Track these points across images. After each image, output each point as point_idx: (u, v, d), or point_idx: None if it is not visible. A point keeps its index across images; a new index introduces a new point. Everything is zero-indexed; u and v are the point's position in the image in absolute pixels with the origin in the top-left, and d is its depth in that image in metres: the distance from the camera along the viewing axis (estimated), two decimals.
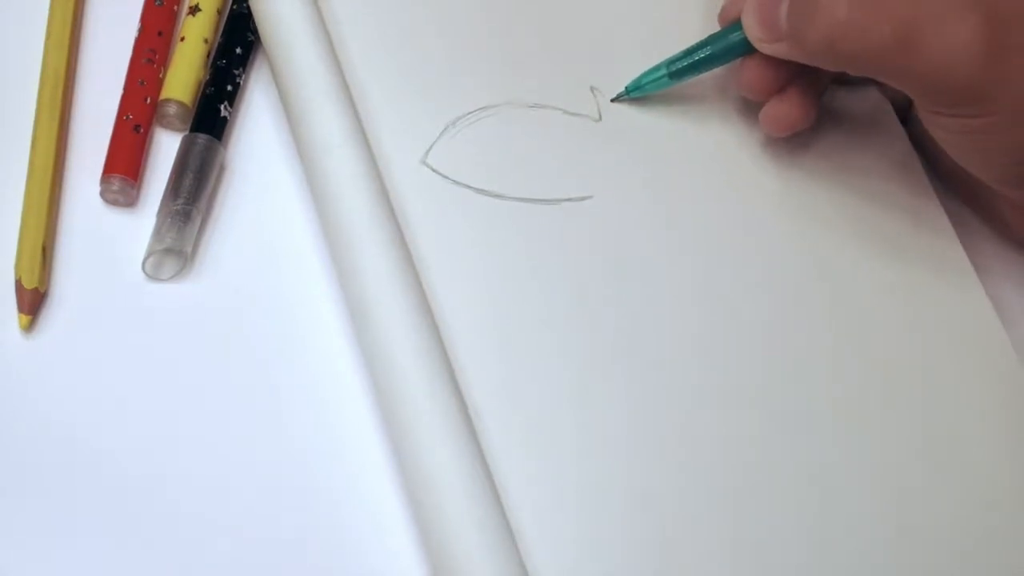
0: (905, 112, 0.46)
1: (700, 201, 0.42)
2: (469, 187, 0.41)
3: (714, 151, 0.43)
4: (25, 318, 0.38)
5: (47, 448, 0.36)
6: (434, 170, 0.41)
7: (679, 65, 0.42)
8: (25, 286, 0.38)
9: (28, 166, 0.40)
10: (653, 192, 0.42)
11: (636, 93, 0.43)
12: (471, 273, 0.39)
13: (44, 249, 0.39)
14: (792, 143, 0.44)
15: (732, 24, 0.42)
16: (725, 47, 0.42)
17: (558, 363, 0.38)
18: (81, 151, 0.41)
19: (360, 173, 0.38)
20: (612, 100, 0.44)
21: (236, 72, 0.43)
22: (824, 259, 0.41)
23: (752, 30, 0.40)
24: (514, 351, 0.38)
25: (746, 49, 0.41)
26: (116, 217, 0.40)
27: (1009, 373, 0.40)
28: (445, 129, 0.42)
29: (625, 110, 0.43)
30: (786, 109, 0.42)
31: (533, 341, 0.38)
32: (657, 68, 0.43)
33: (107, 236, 0.40)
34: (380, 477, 0.36)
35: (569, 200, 0.41)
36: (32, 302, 0.38)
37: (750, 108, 0.44)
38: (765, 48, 0.40)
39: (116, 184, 0.40)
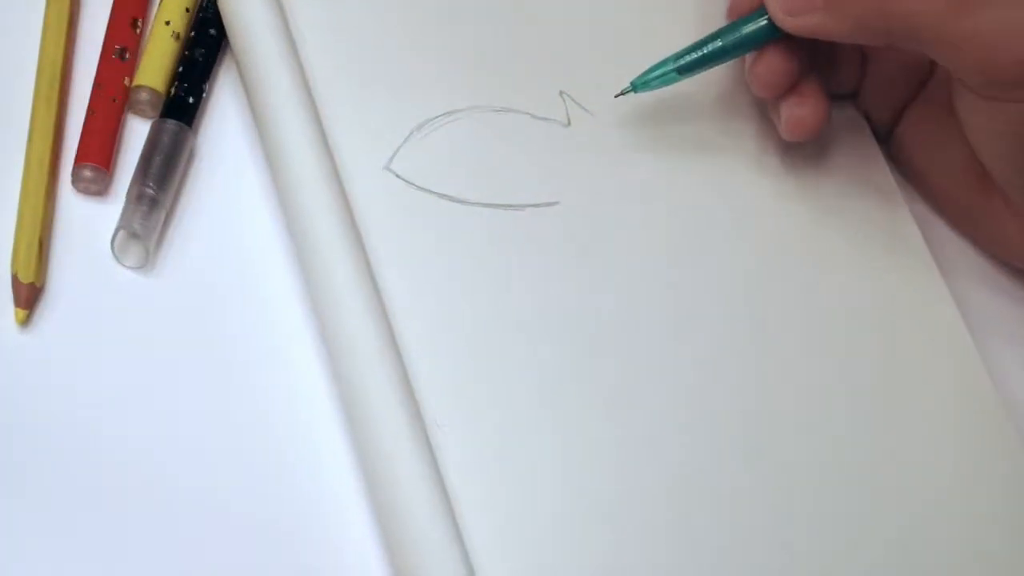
0: (887, 134, 0.45)
1: (668, 208, 0.42)
2: (433, 193, 0.41)
3: (682, 160, 0.43)
4: (22, 312, 0.39)
5: (44, 443, 0.38)
6: (398, 176, 0.41)
7: (688, 59, 0.41)
8: (21, 280, 0.39)
9: (24, 160, 0.41)
10: (620, 199, 0.42)
11: (643, 89, 0.42)
12: (433, 280, 0.39)
13: (40, 243, 0.40)
14: (763, 153, 0.44)
15: (743, 16, 0.40)
16: (737, 39, 0.40)
17: (520, 373, 0.38)
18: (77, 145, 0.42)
19: (324, 178, 0.39)
20: (616, 96, 0.42)
21: (208, 59, 0.44)
22: (793, 269, 0.42)
23: (781, 3, 0.38)
24: (475, 360, 0.38)
25: (758, 42, 0.40)
26: (112, 211, 0.41)
27: (977, 386, 0.41)
28: (410, 134, 0.42)
29: (592, 118, 0.43)
30: (807, 110, 0.40)
31: (495, 350, 0.39)
32: (664, 63, 0.41)
33: (102, 230, 0.41)
34: (345, 473, 0.38)
35: (535, 206, 0.41)
36: (28, 297, 0.39)
37: (720, 117, 0.44)
38: (791, 23, 0.38)
39: (89, 172, 0.41)
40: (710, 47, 0.41)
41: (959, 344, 0.41)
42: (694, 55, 0.41)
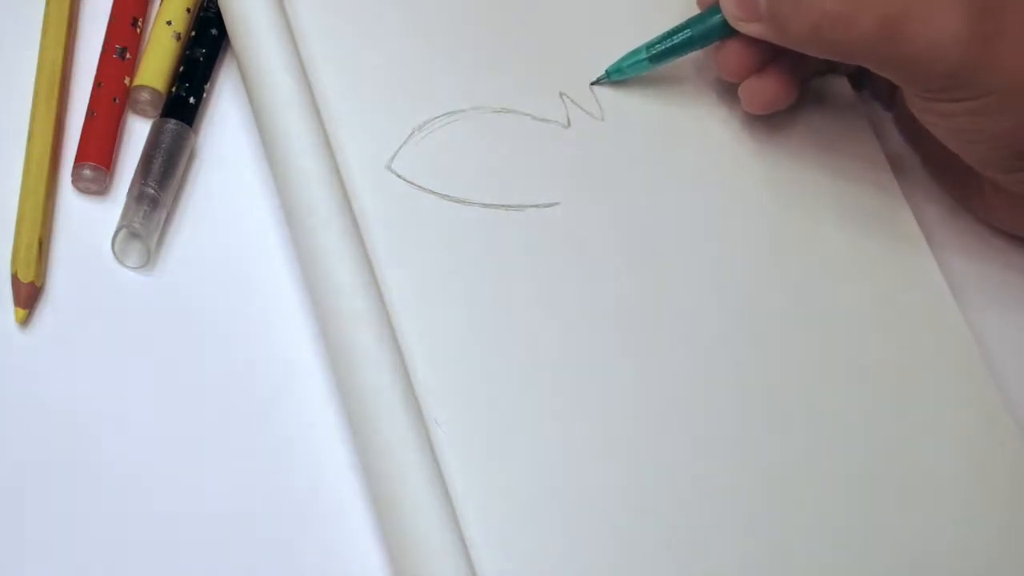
0: (889, 99, 0.47)
1: (668, 208, 0.43)
2: (434, 193, 0.41)
3: (681, 159, 0.44)
4: (21, 312, 0.39)
5: (43, 441, 0.38)
6: (399, 175, 0.41)
7: (659, 48, 0.43)
8: (21, 280, 0.39)
9: (24, 160, 0.41)
10: (620, 199, 0.42)
11: (616, 76, 0.44)
12: (433, 280, 0.40)
13: (40, 243, 0.40)
14: (763, 150, 0.44)
15: (712, 6, 0.42)
16: (705, 30, 0.42)
17: (520, 372, 0.39)
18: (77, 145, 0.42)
19: (325, 178, 0.39)
20: (592, 84, 0.44)
21: (209, 59, 0.44)
22: (793, 266, 0.42)
23: (729, 8, 0.41)
24: (475, 359, 0.39)
25: (726, 32, 0.42)
26: (112, 211, 0.41)
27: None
28: (411, 134, 0.42)
29: (592, 119, 0.44)
30: (765, 85, 0.43)
31: (494, 349, 0.39)
32: (637, 51, 0.44)
33: (103, 230, 0.41)
34: (346, 472, 0.38)
35: (536, 207, 0.42)
36: (28, 296, 0.39)
37: (720, 118, 0.45)
38: (742, 27, 0.41)
39: (89, 172, 0.42)
40: (679, 37, 0.43)
41: (957, 338, 0.42)
42: (665, 44, 0.43)
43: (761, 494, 0.38)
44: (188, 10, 0.45)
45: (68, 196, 0.42)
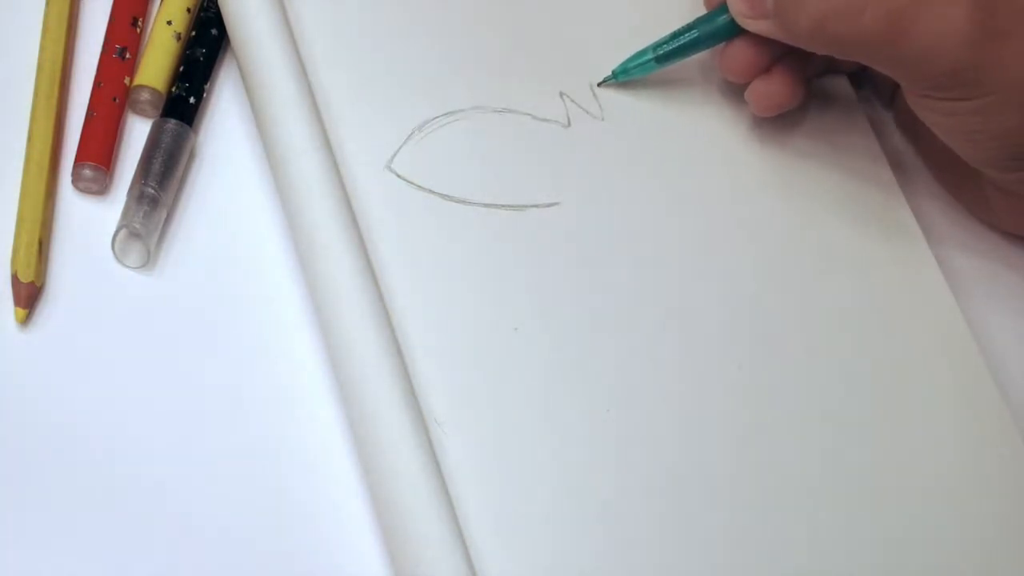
0: (890, 98, 0.47)
1: (667, 208, 0.43)
2: (434, 193, 0.41)
3: (681, 159, 0.44)
4: (21, 312, 0.39)
5: (43, 441, 0.38)
6: (399, 175, 0.41)
7: (666, 48, 0.43)
8: (21, 280, 0.39)
9: (24, 160, 0.41)
10: (620, 199, 0.43)
11: (623, 77, 0.44)
12: (433, 280, 0.40)
13: (40, 243, 0.40)
14: (763, 150, 0.44)
15: (718, 7, 0.42)
16: (712, 30, 0.43)
17: (520, 372, 0.39)
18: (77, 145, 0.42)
19: (325, 178, 0.39)
20: (599, 84, 0.44)
21: (209, 59, 0.44)
22: (793, 267, 0.42)
23: (737, 5, 0.41)
24: (476, 360, 0.39)
25: (732, 31, 0.42)
26: (112, 211, 0.41)
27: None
28: (411, 134, 0.42)
29: (592, 119, 0.44)
30: (773, 87, 0.43)
31: (495, 349, 0.39)
32: (643, 52, 0.44)
33: (103, 230, 0.41)
34: (346, 471, 0.38)
35: (536, 206, 0.42)
36: (28, 296, 0.39)
37: (720, 118, 0.45)
38: (749, 25, 0.41)
39: (89, 172, 0.42)
40: (686, 37, 0.43)
41: (956, 335, 0.42)
42: (672, 45, 0.43)
43: (761, 494, 0.38)
44: (188, 10, 0.45)
45: (68, 196, 0.42)
